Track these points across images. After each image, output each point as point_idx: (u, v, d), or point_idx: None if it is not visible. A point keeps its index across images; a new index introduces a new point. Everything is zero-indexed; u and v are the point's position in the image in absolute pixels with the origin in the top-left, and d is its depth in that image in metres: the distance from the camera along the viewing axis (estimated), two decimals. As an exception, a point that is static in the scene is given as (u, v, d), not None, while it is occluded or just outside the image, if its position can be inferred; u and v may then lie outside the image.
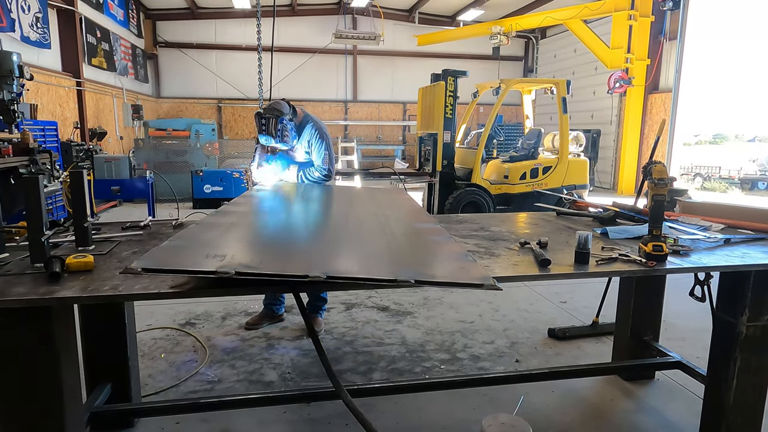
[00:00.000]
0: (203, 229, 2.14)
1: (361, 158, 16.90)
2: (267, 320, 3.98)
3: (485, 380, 2.98)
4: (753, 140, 25.17)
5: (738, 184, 15.53)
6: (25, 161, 5.14)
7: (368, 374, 3.27)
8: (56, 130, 7.65)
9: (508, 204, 8.04)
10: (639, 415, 2.86)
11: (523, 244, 2.33)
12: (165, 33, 16.44)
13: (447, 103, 7.57)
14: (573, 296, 4.78)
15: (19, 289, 1.62)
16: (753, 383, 2.40)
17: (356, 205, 3.20)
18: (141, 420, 2.68)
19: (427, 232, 2.39)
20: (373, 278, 1.59)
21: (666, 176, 2.11)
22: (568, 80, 8.44)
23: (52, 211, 6.58)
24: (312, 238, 2.25)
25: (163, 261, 1.59)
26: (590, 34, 12.64)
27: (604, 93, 13.30)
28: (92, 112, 11.23)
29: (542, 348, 3.70)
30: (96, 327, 2.51)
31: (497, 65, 17.29)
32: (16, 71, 4.71)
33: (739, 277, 2.32)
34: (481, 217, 3.31)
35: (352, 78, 17.93)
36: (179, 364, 3.34)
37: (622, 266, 2.05)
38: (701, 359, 2.99)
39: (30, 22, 8.68)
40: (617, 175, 13.62)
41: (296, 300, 1.85)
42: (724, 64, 14.22)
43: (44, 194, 1.90)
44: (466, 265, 1.78)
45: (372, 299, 4.61)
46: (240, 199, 3.18)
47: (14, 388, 1.73)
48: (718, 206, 2.96)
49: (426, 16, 17.29)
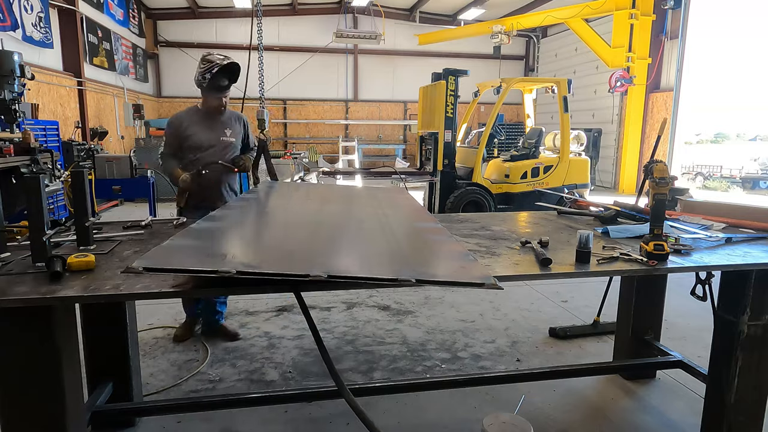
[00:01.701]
0: (204, 228, 2.14)
1: (362, 157, 16.91)
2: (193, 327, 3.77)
3: (486, 379, 2.98)
4: (754, 139, 25.16)
5: (739, 183, 15.53)
6: (27, 161, 5.14)
7: (369, 373, 3.27)
8: (57, 129, 7.65)
9: (509, 203, 8.03)
10: (640, 414, 2.86)
11: (524, 244, 2.32)
12: (166, 32, 16.45)
13: (448, 102, 7.56)
14: (574, 295, 4.78)
15: (21, 289, 1.62)
16: (754, 382, 2.40)
17: (357, 205, 3.20)
18: (142, 419, 2.69)
19: (428, 231, 2.39)
20: (375, 277, 1.59)
21: (667, 175, 2.11)
22: (569, 79, 8.42)
23: (54, 210, 6.57)
24: (313, 238, 2.25)
25: (165, 260, 1.59)
26: (591, 33, 12.62)
27: (605, 92, 13.28)
28: (93, 111, 11.23)
29: (543, 347, 3.70)
30: (97, 326, 2.51)
31: (498, 64, 17.30)
32: (17, 71, 4.71)
33: (740, 276, 2.32)
34: (482, 216, 3.31)
35: (353, 77, 17.93)
36: (180, 364, 3.34)
37: (623, 265, 2.05)
38: (702, 358, 2.99)
39: (33, 21, 8.69)
40: (618, 174, 13.61)
41: (297, 300, 1.84)
42: (725, 62, 14.22)
43: (45, 194, 1.90)
44: (467, 265, 1.78)
45: (373, 298, 4.61)
46: (241, 199, 3.19)
47: (15, 387, 1.73)
48: (720, 205, 2.96)
49: (427, 16, 17.29)
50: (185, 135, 3.43)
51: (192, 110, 3.56)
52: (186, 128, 3.44)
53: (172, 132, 3.47)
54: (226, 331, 3.74)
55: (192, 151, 3.44)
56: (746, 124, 29.89)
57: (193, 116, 3.51)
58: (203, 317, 3.78)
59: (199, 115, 3.52)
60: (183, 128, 3.44)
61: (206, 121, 3.50)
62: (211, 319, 3.75)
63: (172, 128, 3.46)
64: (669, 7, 12.02)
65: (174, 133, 3.45)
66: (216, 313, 3.74)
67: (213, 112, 3.51)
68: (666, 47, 12.71)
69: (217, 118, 3.53)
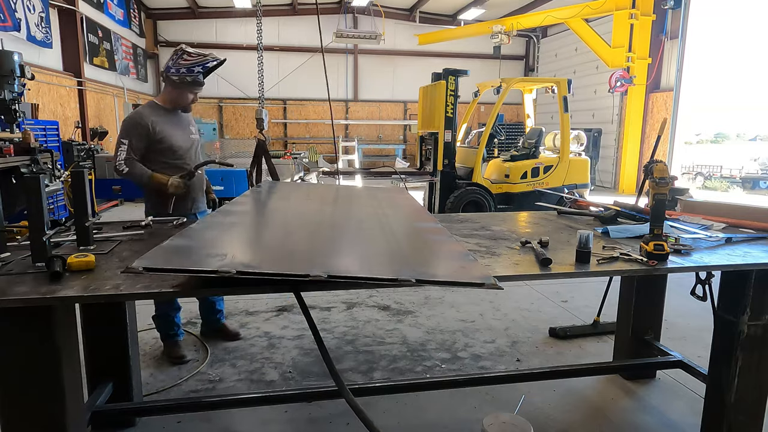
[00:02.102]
0: (204, 228, 2.14)
1: (362, 157, 16.92)
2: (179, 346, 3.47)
3: (486, 379, 2.98)
4: (754, 139, 25.17)
5: (739, 183, 15.52)
6: (27, 161, 5.15)
7: (369, 373, 3.27)
8: (57, 129, 7.66)
9: (509, 203, 8.03)
10: (640, 414, 2.86)
11: (524, 244, 2.32)
12: (166, 32, 16.45)
13: (448, 103, 7.56)
14: (574, 295, 4.78)
15: (21, 289, 1.62)
16: (754, 382, 2.40)
17: (357, 205, 3.20)
18: (142, 419, 2.69)
19: (428, 231, 2.39)
20: (375, 277, 1.59)
21: (667, 175, 2.11)
22: (569, 79, 8.43)
23: (54, 210, 6.58)
24: (313, 238, 2.25)
25: (164, 260, 1.59)
26: (591, 33, 12.62)
27: (605, 92, 13.28)
28: (93, 111, 11.24)
29: (543, 347, 3.70)
30: (97, 326, 2.51)
31: (498, 64, 17.30)
32: (17, 71, 4.71)
33: (740, 276, 2.32)
34: (482, 216, 3.31)
35: (353, 77, 17.94)
36: (180, 364, 3.34)
37: (623, 265, 2.05)
38: (702, 358, 2.99)
39: (36, 21, 8.70)
40: (618, 174, 13.61)
41: (297, 300, 1.84)
42: (725, 62, 14.21)
43: (45, 194, 1.90)
44: (467, 265, 1.78)
45: (373, 298, 4.61)
46: (241, 199, 3.19)
47: (15, 387, 1.73)
48: (720, 205, 2.96)
49: (427, 16, 17.30)
50: (157, 138, 3.07)
51: (153, 107, 3.17)
52: (156, 129, 3.07)
53: (140, 133, 3.04)
54: (227, 331, 3.73)
55: (166, 154, 3.13)
56: (746, 124, 29.91)
57: (159, 114, 3.13)
58: (203, 318, 3.76)
59: (164, 113, 3.16)
60: (152, 129, 3.06)
61: (173, 118, 3.19)
62: (211, 318, 3.72)
63: (140, 129, 3.04)
64: (669, 7, 12.02)
65: (143, 134, 3.04)
66: (216, 312, 3.71)
67: (182, 109, 3.23)
68: (666, 47, 12.71)
69: (181, 115, 3.25)
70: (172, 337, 3.43)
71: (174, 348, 3.42)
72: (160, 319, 3.40)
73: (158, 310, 3.39)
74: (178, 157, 3.19)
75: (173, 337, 3.43)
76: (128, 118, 3.17)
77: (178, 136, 3.19)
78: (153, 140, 3.08)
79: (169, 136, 3.13)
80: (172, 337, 3.43)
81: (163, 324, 3.41)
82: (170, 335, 3.43)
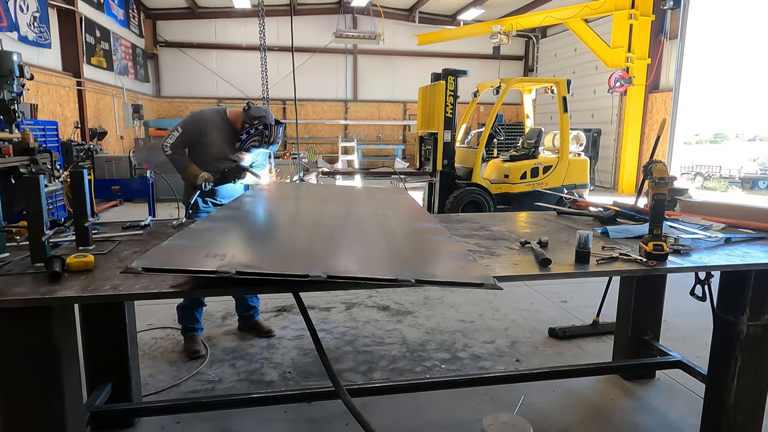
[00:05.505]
0: (203, 228, 2.14)
1: (362, 158, 16.91)
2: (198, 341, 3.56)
3: (486, 380, 2.98)
4: (753, 139, 25.19)
5: (738, 183, 15.54)
6: (26, 161, 5.13)
7: (369, 374, 3.27)
8: (56, 129, 7.65)
9: (508, 203, 8.03)
10: (639, 414, 2.86)
11: (524, 244, 2.32)
12: (165, 32, 16.44)
13: (447, 103, 7.56)
14: (573, 296, 4.78)
15: (20, 289, 1.62)
16: (754, 382, 2.40)
17: (357, 205, 3.20)
18: (141, 419, 2.68)
19: (428, 231, 2.39)
20: (374, 278, 1.59)
21: (666, 175, 2.11)
22: (569, 79, 8.42)
23: (53, 210, 6.57)
24: (312, 238, 2.25)
25: (164, 261, 1.59)
26: (591, 34, 12.63)
27: (604, 92, 13.28)
28: (92, 111, 11.23)
29: (543, 347, 3.70)
30: (96, 326, 2.51)
31: (497, 64, 17.29)
32: (16, 71, 4.70)
33: (739, 277, 2.32)
34: (481, 216, 3.31)
35: (353, 77, 17.93)
36: (179, 364, 3.34)
37: (622, 266, 2.05)
38: (702, 359, 2.99)
39: (28, 21, 8.67)
40: (618, 175, 13.61)
41: (296, 300, 1.85)
42: (724, 63, 14.24)
43: (45, 194, 1.90)
44: (467, 265, 1.78)
45: (372, 299, 4.61)
46: (240, 199, 3.18)
47: (15, 387, 1.73)
48: (719, 205, 2.96)
49: (426, 16, 17.29)
50: (205, 141, 3.35)
51: (221, 115, 3.44)
52: (210, 135, 3.36)
53: (194, 130, 3.35)
54: (261, 327, 3.78)
55: (206, 157, 3.38)
56: (745, 124, 29.95)
57: (218, 124, 3.40)
58: (238, 314, 3.83)
59: (225, 125, 3.42)
60: (204, 130, 3.35)
61: (228, 131, 3.42)
62: (245, 314, 3.78)
63: (196, 127, 3.36)
64: (668, 8, 12.03)
65: (194, 129, 3.35)
66: (249, 309, 3.77)
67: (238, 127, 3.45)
68: (665, 47, 12.72)
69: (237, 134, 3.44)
70: (190, 331, 3.52)
71: (190, 342, 3.51)
72: (185, 310, 3.48)
73: (185, 300, 3.47)
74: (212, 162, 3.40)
75: (191, 332, 3.52)
76: (195, 113, 3.52)
77: (222, 147, 3.41)
78: (201, 141, 3.37)
79: (216, 145, 3.40)
80: (191, 332, 3.52)
81: (185, 317, 3.50)
82: (189, 329, 3.52)
